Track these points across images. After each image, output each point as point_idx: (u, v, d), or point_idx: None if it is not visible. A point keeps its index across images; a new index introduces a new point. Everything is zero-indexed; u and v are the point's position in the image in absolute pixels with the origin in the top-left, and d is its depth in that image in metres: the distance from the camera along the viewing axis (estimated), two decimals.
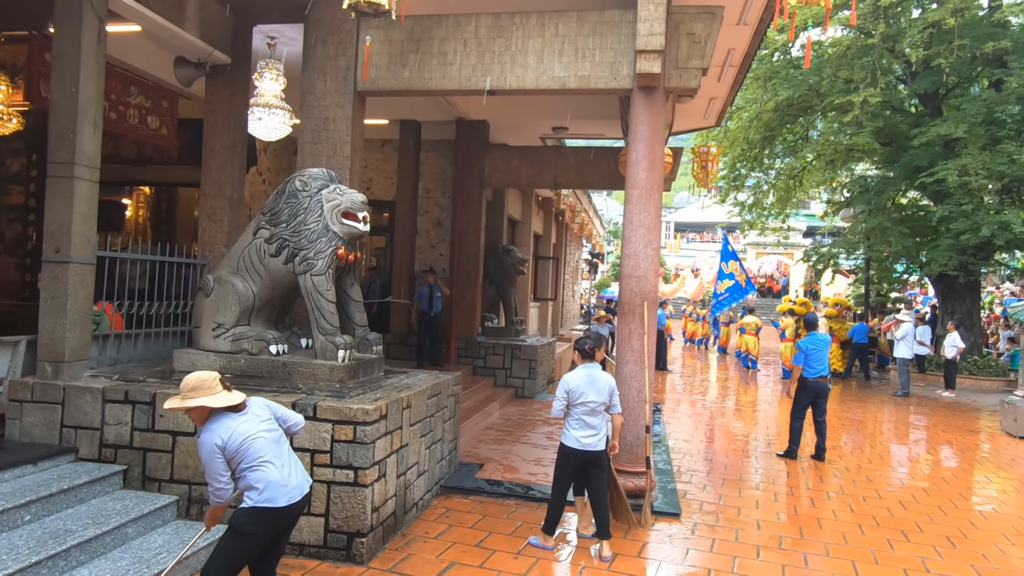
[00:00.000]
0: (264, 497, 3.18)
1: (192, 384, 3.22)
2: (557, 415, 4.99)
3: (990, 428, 10.93)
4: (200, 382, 3.22)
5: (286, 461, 3.31)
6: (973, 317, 17.00)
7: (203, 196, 6.83)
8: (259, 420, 3.31)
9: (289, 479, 3.26)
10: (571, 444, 4.92)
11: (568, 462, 4.97)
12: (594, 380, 4.93)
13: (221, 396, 3.23)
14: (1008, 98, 14.18)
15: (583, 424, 4.90)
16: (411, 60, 6.28)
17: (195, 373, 3.29)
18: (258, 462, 3.19)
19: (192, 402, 3.19)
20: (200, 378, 3.24)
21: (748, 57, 7.96)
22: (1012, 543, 5.60)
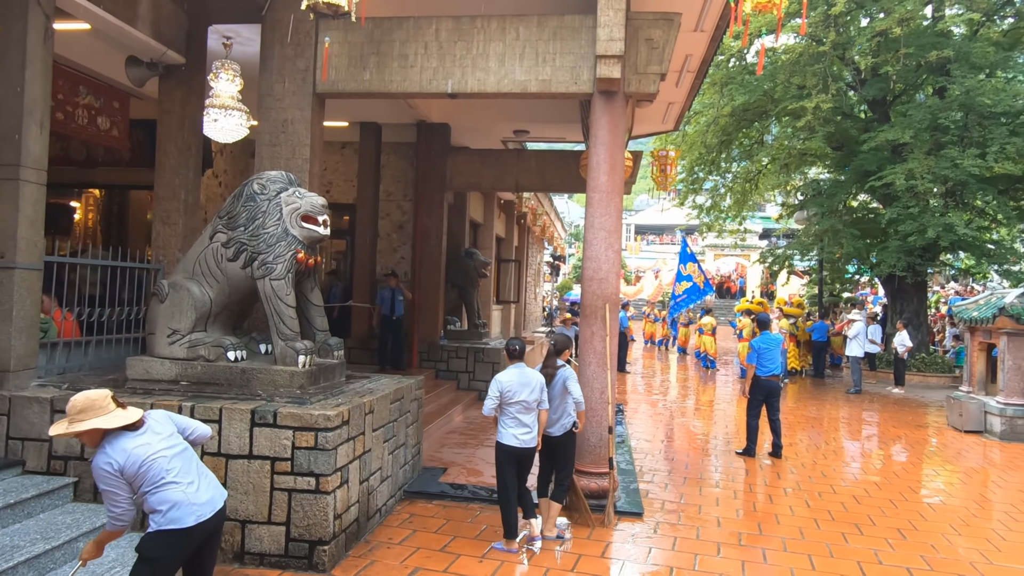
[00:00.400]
0: (169, 519, 2.95)
1: (80, 405, 2.94)
2: (489, 414, 5.04)
3: (937, 423, 11.33)
4: (89, 402, 2.95)
5: (195, 477, 3.09)
6: (920, 316, 17.62)
7: (157, 199, 6.66)
8: (160, 437, 3.05)
9: (198, 495, 3.04)
10: (509, 442, 5.02)
11: (509, 460, 5.06)
12: (526, 378, 5.05)
13: (115, 415, 2.96)
14: (951, 105, 14.75)
15: (519, 422, 5.01)
16: (371, 62, 6.24)
17: (83, 393, 3.00)
18: (160, 483, 2.96)
19: (81, 426, 2.91)
20: (89, 398, 2.96)
21: (705, 63, 8.12)
22: (959, 533, 5.81)
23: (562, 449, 5.37)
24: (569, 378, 5.30)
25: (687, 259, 12.20)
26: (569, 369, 5.41)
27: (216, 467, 4.51)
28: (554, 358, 5.40)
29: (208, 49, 6.82)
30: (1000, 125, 14.21)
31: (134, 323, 6.09)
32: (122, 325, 6.03)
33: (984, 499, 7.01)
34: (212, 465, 4.51)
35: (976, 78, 14.52)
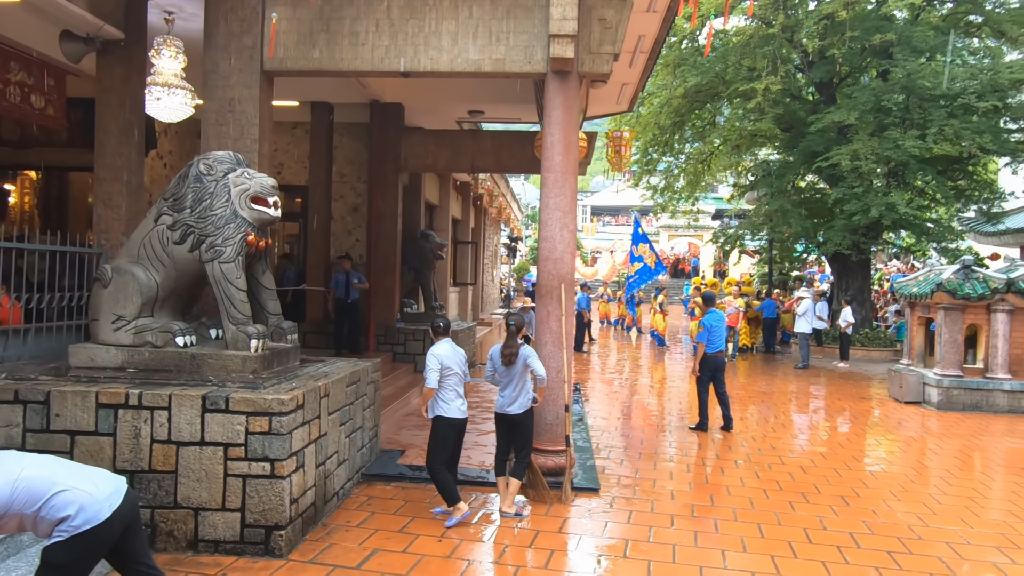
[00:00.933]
0: (83, 520, 2.76)
1: None
2: (431, 386, 5.13)
3: (880, 395, 11.80)
4: None
5: (83, 477, 2.88)
6: (864, 293, 18.26)
7: (98, 181, 6.41)
8: (17, 454, 2.85)
9: (99, 490, 2.85)
10: (455, 415, 5.20)
11: (451, 433, 5.21)
12: (458, 353, 5.33)
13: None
14: (894, 87, 15.21)
15: (457, 394, 5.24)
16: (321, 39, 6.10)
17: None
18: (52, 495, 2.74)
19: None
20: None
21: (658, 44, 8.17)
22: (898, 499, 6.09)
23: (522, 427, 5.45)
24: (530, 356, 5.41)
25: (639, 240, 12.35)
26: (529, 347, 5.51)
27: (167, 454, 4.42)
28: (515, 338, 5.45)
29: (149, 24, 6.56)
30: (939, 107, 14.73)
31: (76, 310, 5.88)
32: (63, 312, 5.82)
33: (922, 466, 7.35)
34: (162, 452, 4.43)
35: (917, 61, 14.98)
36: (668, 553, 4.71)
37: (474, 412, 9.02)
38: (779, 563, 4.59)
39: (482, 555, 4.63)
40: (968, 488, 6.51)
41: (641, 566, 4.49)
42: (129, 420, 4.45)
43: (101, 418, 4.47)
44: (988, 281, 10.37)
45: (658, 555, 4.67)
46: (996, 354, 10.36)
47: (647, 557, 4.64)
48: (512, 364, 5.35)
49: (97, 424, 4.47)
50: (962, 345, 10.57)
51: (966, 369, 10.57)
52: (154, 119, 7.39)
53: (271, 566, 4.27)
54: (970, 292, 10.28)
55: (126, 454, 4.45)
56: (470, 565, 4.44)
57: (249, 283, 5.18)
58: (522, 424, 5.44)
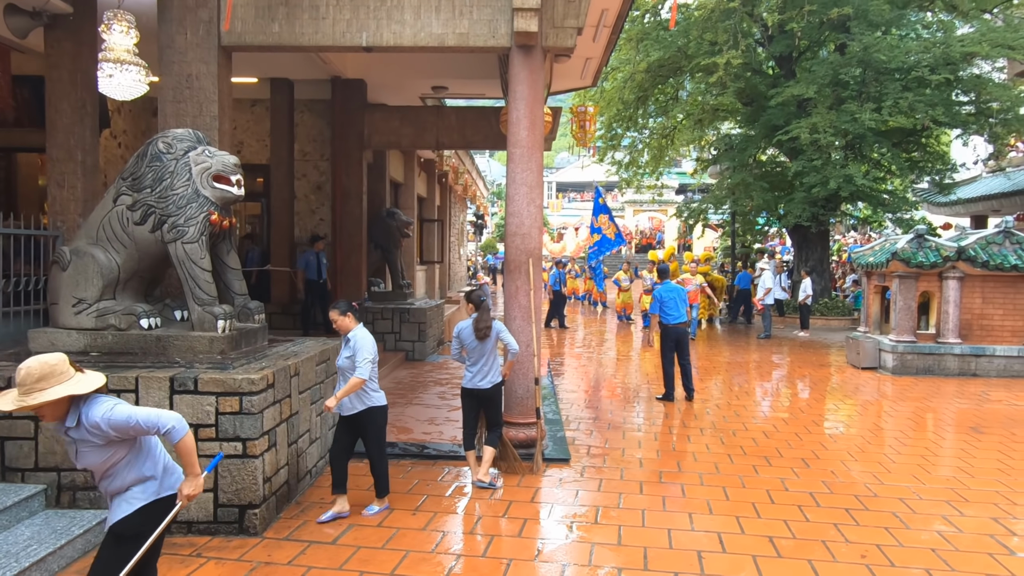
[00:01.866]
0: (168, 485, 2.89)
1: (37, 372, 2.60)
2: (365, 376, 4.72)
3: (838, 362, 12.18)
4: (48, 368, 2.62)
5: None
6: (824, 263, 18.72)
7: (51, 161, 6.22)
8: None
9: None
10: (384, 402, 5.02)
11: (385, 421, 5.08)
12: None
13: (83, 379, 2.71)
14: (850, 61, 15.47)
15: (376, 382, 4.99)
16: (280, 13, 5.97)
17: (36, 359, 2.65)
18: (154, 446, 2.87)
19: (45, 395, 2.59)
20: (46, 363, 2.63)
21: (621, 18, 8.18)
22: (855, 459, 6.34)
23: (493, 401, 5.53)
24: (502, 330, 5.51)
25: (599, 211, 12.49)
26: (499, 322, 5.58)
27: None
28: (487, 313, 5.48)
29: None
30: (894, 81, 15.04)
31: (34, 294, 5.73)
32: (20, 297, 5.67)
33: (877, 428, 7.65)
34: None
35: (873, 35, 15.24)
36: (638, 518, 4.85)
37: (444, 388, 9.09)
38: (743, 523, 4.76)
39: (456, 526, 4.71)
40: (920, 448, 6.80)
41: (612, 531, 4.62)
42: None
43: None
44: (940, 250, 10.73)
45: (628, 520, 4.81)
46: (948, 320, 10.76)
47: (617, 523, 4.77)
48: (487, 338, 5.40)
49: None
50: (916, 312, 10.96)
51: (919, 335, 10.96)
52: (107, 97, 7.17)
53: (246, 544, 4.29)
54: (923, 260, 10.63)
55: None
56: (445, 536, 4.52)
57: (214, 263, 5.11)
58: (493, 398, 5.51)
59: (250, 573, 3.94)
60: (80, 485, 4.42)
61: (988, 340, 10.79)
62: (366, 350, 4.72)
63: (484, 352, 5.43)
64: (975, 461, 6.33)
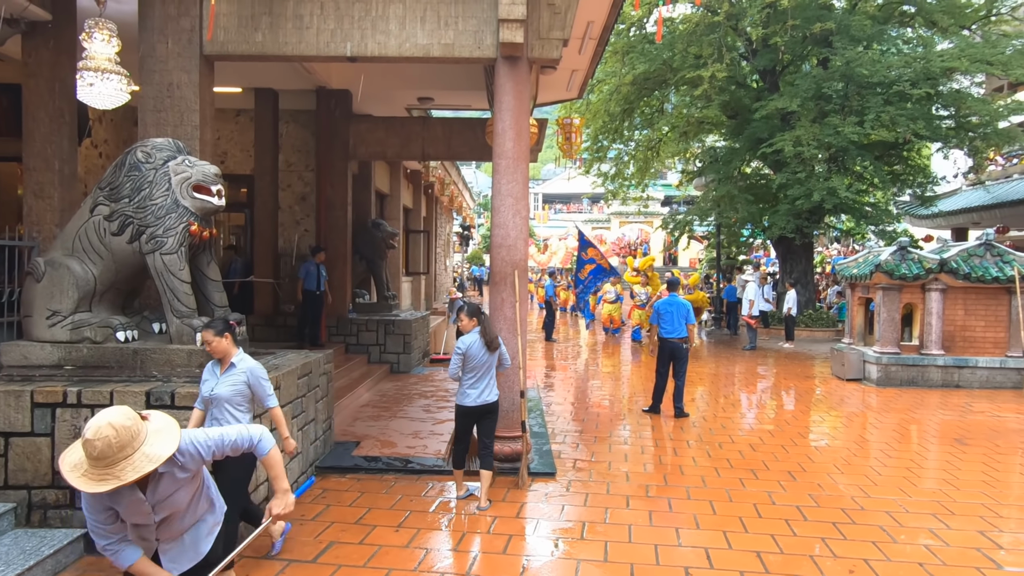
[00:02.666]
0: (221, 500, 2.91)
1: (118, 441, 2.23)
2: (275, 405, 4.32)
3: (823, 373, 12.22)
4: (127, 432, 2.26)
5: None
6: (808, 275, 18.85)
7: (27, 171, 6.09)
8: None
9: None
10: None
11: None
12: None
13: (163, 428, 2.40)
14: (833, 75, 15.65)
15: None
16: (264, 22, 5.92)
17: (106, 424, 2.23)
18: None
19: (145, 464, 2.28)
20: (124, 427, 2.26)
21: (607, 30, 8.20)
22: (841, 472, 6.33)
23: (496, 413, 5.43)
24: (502, 343, 5.45)
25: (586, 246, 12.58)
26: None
27: None
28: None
29: (79, 5, 6.25)
30: (876, 95, 15.23)
31: (7, 306, 5.60)
32: None
33: (863, 440, 7.65)
34: None
35: (855, 50, 15.44)
36: (624, 533, 4.79)
37: (428, 401, 9.00)
38: (731, 538, 4.71)
39: (440, 543, 4.63)
40: (906, 460, 6.80)
41: (598, 547, 4.56)
42: (68, 419, 4.28)
43: (37, 418, 4.29)
44: (923, 262, 10.81)
45: (614, 535, 4.74)
46: (931, 331, 10.83)
47: (604, 538, 4.70)
48: (497, 348, 5.31)
49: (33, 424, 4.29)
50: (899, 323, 11.02)
51: (903, 346, 11.02)
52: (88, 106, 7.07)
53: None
54: (906, 272, 10.70)
55: None
56: (428, 554, 4.43)
57: (193, 275, 5.03)
58: (493, 411, 5.41)
59: None
60: (51, 504, 4.29)
61: (971, 351, 10.86)
62: (264, 373, 4.17)
63: (491, 365, 5.33)
64: (960, 473, 6.34)
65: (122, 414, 2.30)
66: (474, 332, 5.34)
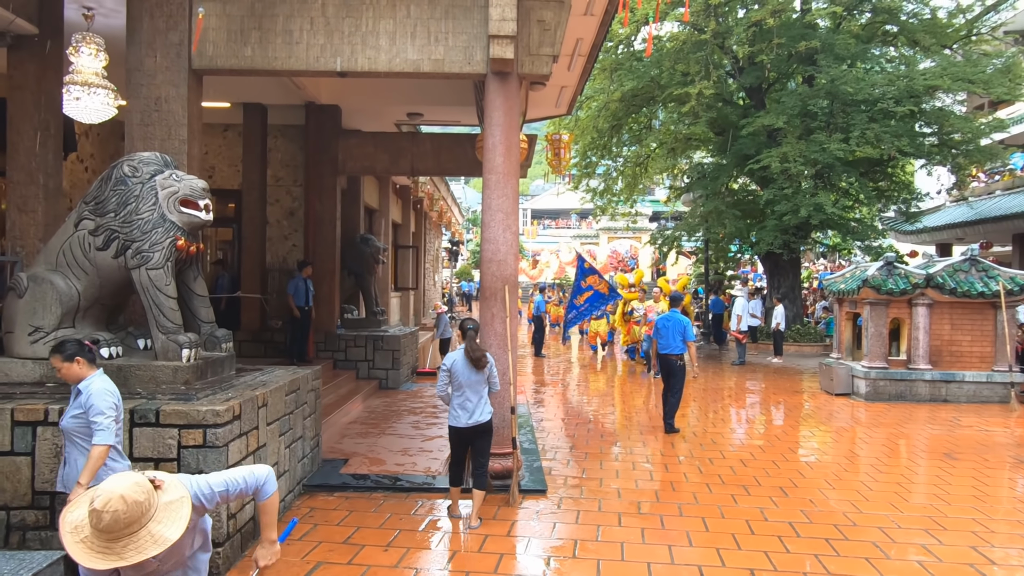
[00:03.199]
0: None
1: (126, 516, 2.03)
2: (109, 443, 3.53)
3: (812, 388, 12.24)
4: (138, 507, 2.06)
5: None
6: (796, 290, 18.94)
7: (11, 184, 6.01)
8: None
9: None
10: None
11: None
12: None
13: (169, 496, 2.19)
14: (818, 93, 15.85)
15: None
16: (253, 37, 5.90)
17: (116, 496, 2.02)
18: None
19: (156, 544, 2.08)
20: (135, 501, 2.05)
21: (595, 47, 8.26)
22: (832, 487, 6.31)
23: (489, 433, 5.34)
24: (493, 366, 5.33)
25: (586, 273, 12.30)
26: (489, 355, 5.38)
27: None
28: (475, 339, 5.33)
29: (66, 20, 6.21)
30: (860, 112, 15.42)
31: None
32: None
33: (853, 455, 7.64)
34: None
35: (839, 68, 15.65)
36: (616, 551, 4.73)
37: (418, 418, 8.91)
38: (724, 555, 4.67)
39: (430, 562, 4.55)
40: (896, 475, 6.80)
41: (590, 565, 4.50)
42: (49, 438, 4.18)
43: (17, 436, 4.19)
44: (909, 277, 10.90)
45: (607, 553, 4.69)
46: (918, 346, 10.89)
47: (596, 556, 4.64)
48: (484, 366, 5.23)
49: (13, 443, 4.19)
50: (887, 338, 11.07)
51: (891, 361, 11.07)
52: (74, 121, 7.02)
53: None
54: (893, 287, 10.78)
55: (46, 474, 4.17)
56: (418, 573, 4.35)
57: (180, 290, 4.96)
58: (487, 431, 5.32)
59: None
60: (30, 525, 4.18)
61: (958, 366, 10.93)
62: (103, 403, 3.47)
63: (481, 382, 5.24)
64: (950, 488, 6.34)
65: (135, 487, 2.08)
66: (460, 348, 5.30)
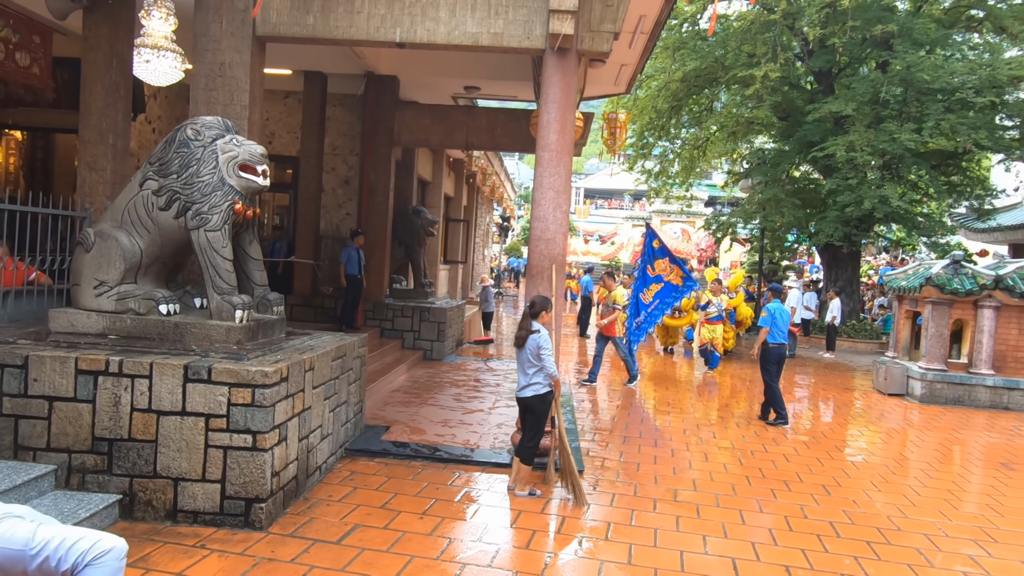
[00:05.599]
0: None
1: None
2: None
3: (864, 386, 11.88)
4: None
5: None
6: (853, 284, 18.33)
7: (82, 143, 6.26)
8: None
9: None
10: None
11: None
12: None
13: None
14: (892, 79, 15.14)
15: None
16: (316, 5, 5.95)
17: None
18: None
19: None
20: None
21: (659, 25, 8.04)
22: (878, 489, 6.13)
23: (531, 411, 5.36)
24: (544, 348, 5.23)
25: (655, 256, 9.68)
26: (544, 335, 5.30)
27: (147, 423, 4.36)
28: (529, 320, 5.36)
29: None
30: (936, 102, 14.68)
31: (59, 274, 5.77)
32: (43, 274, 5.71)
33: (903, 458, 7.41)
34: (143, 421, 4.36)
35: (917, 54, 14.91)
36: (649, 537, 4.72)
37: (460, 390, 9.02)
38: (759, 550, 4.61)
39: (463, 533, 4.62)
40: (947, 481, 6.56)
41: (622, 549, 4.50)
42: (109, 387, 4.38)
43: (80, 384, 4.40)
44: (977, 277, 10.41)
45: (639, 539, 4.68)
46: (981, 350, 10.43)
47: (628, 540, 4.64)
48: (522, 347, 5.27)
49: (76, 390, 4.40)
50: (948, 340, 10.63)
51: (950, 364, 10.64)
52: (144, 83, 7.22)
53: (250, 538, 4.24)
54: (958, 287, 10.32)
55: (105, 422, 4.38)
56: (451, 543, 4.43)
57: (236, 253, 5.10)
58: (530, 408, 5.36)
59: (252, 568, 3.88)
60: (90, 468, 4.41)
61: (1023, 373, 10.43)
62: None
63: (524, 360, 5.31)
64: (1004, 499, 6.09)
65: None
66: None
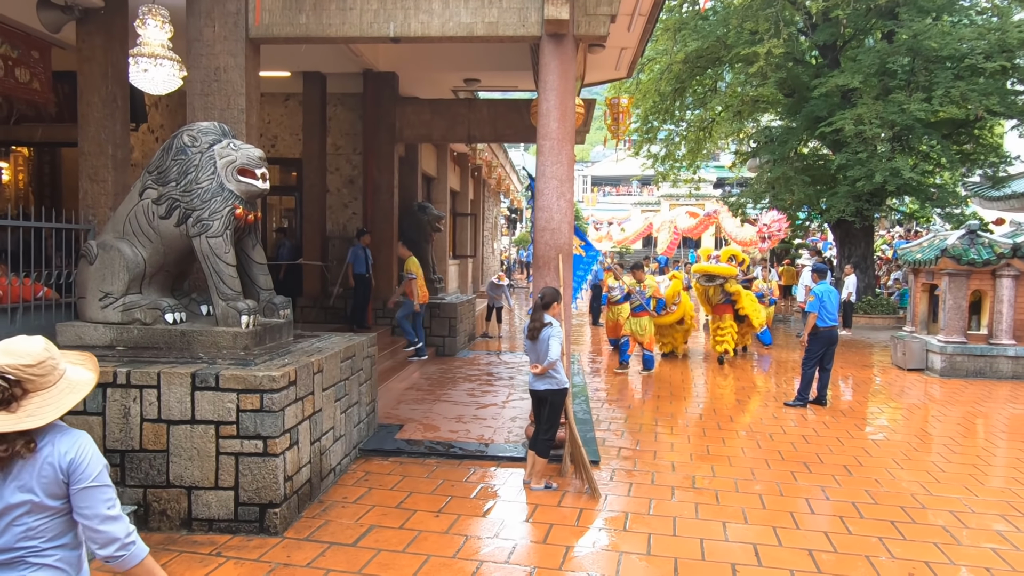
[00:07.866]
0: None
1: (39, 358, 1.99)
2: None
3: (882, 362, 11.72)
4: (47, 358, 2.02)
5: None
6: (868, 260, 18.09)
7: (82, 155, 6.25)
8: None
9: None
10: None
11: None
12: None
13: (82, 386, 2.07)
14: (899, 49, 14.85)
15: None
16: (307, 4, 5.89)
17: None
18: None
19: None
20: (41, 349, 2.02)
21: (657, 6, 7.91)
22: (901, 467, 6.03)
23: (545, 404, 5.31)
24: (552, 336, 5.18)
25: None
26: (556, 327, 5.25)
27: (157, 433, 4.35)
28: (541, 312, 5.30)
29: None
30: (945, 69, 14.39)
31: (64, 287, 5.77)
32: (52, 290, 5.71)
33: (925, 434, 7.29)
34: (153, 431, 4.35)
35: (923, 22, 14.61)
36: (669, 525, 4.66)
37: (473, 385, 8.98)
38: (780, 534, 4.53)
39: (480, 530, 4.58)
40: (972, 455, 6.44)
41: (641, 539, 4.44)
42: (118, 399, 4.37)
43: (90, 397, 4.39)
44: (994, 246, 10.21)
45: (658, 528, 4.62)
46: (1001, 320, 10.24)
47: (647, 530, 4.58)
48: (535, 340, 5.22)
49: (85, 403, 4.39)
50: (966, 311, 10.46)
51: (970, 335, 10.47)
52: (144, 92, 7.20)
53: (266, 544, 4.23)
54: (975, 258, 10.13)
55: (116, 433, 4.37)
56: (468, 540, 4.39)
57: (239, 258, 5.07)
58: (545, 401, 5.31)
59: (268, 574, 3.86)
60: None
61: None
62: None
63: (535, 353, 5.26)
64: None
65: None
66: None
